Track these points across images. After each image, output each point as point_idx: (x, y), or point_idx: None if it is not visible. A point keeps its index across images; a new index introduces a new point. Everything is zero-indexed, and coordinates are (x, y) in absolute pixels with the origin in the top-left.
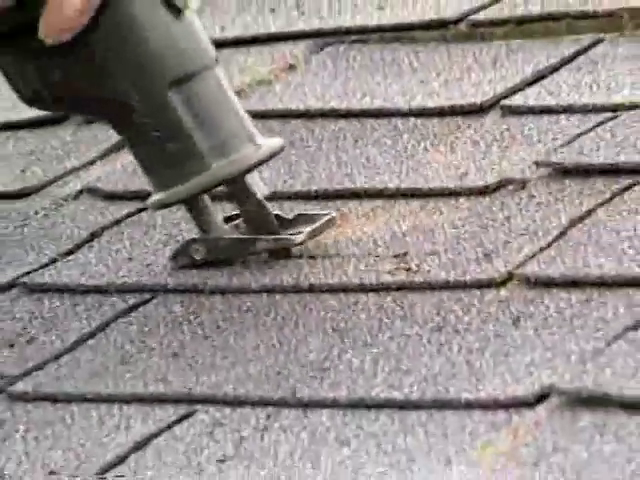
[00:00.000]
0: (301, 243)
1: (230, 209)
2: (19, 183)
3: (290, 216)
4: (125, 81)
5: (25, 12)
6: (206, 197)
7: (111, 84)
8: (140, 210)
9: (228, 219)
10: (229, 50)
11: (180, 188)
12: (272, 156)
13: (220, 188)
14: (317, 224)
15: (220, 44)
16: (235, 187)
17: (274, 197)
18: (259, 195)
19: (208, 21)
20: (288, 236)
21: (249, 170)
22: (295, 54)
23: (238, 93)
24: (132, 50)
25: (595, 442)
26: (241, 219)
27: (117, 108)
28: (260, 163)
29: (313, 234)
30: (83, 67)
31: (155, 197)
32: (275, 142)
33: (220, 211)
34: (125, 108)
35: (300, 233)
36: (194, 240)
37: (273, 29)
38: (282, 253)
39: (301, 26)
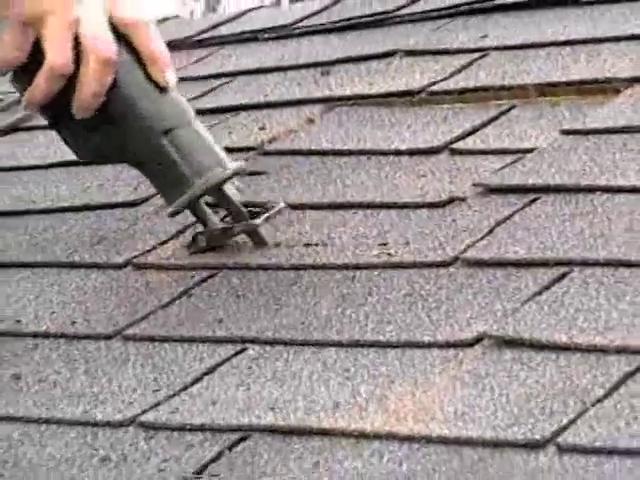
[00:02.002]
0: (260, 225)
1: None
2: (132, 195)
3: (258, 208)
4: (134, 135)
5: (65, 98)
6: (203, 204)
7: (126, 139)
8: None
9: (222, 218)
10: (269, 110)
11: (179, 200)
12: (235, 174)
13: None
14: (271, 212)
15: (264, 106)
16: (217, 196)
17: (301, 207)
18: (234, 199)
19: (255, 90)
20: (253, 222)
21: (219, 184)
22: (314, 112)
23: (275, 138)
24: (134, 116)
25: (514, 370)
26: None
27: (131, 155)
28: (226, 179)
29: (268, 218)
30: (108, 131)
31: (169, 210)
32: (238, 164)
33: (216, 213)
34: (137, 153)
35: (259, 218)
36: (198, 233)
37: (299, 96)
38: (253, 234)
39: (318, 94)
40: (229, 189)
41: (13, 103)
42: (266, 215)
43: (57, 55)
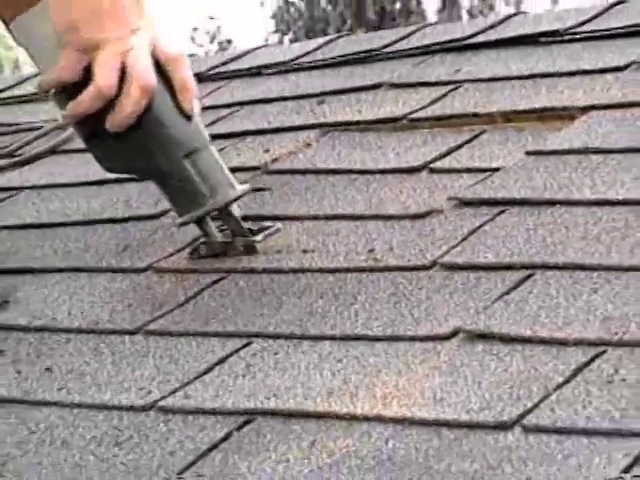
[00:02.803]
0: (258, 242)
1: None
2: (153, 209)
3: (256, 227)
4: (160, 154)
5: (101, 116)
6: (208, 219)
7: (153, 155)
8: None
9: (222, 230)
10: (272, 135)
11: (192, 214)
12: (242, 195)
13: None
14: (268, 231)
15: (267, 131)
16: (223, 213)
17: (299, 218)
18: (237, 216)
19: (260, 118)
20: (252, 238)
21: (229, 204)
22: (310, 137)
23: (277, 159)
24: (162, 137)
25: (485, 361)
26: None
27: (156, 170)
28: (235, 200)
29: (266, 237)
30: (135, 148)
31: (179, 220)
32: (245, 187)
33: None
34: (160, 170)
35: (258, 236)
36: (201, 243)
37: (298, 122)
38: (251, 249)
39: (314, 121)
40: (233, 206)
41: (52, 130)
42: (265, 233)
43: (105, 79)
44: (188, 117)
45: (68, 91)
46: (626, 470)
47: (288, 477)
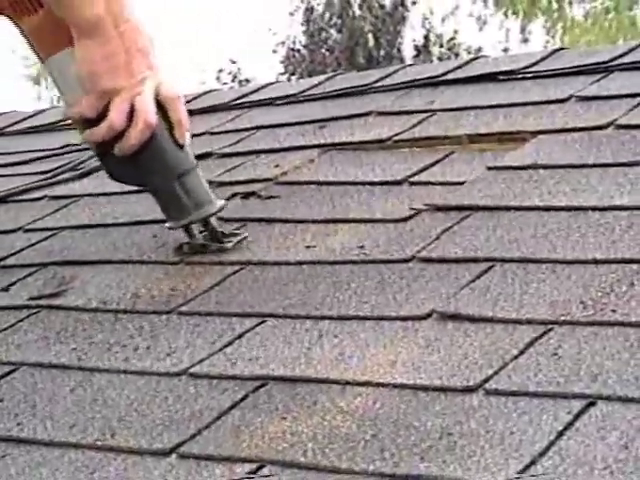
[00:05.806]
0: (230, 247)
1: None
2: None
3: (228, 232)
4: (156, 173)
5: (112, 141)
6: (193, 226)
7: (149, 174)
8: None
9: (200, 232)
10: (282, 153)
11: (180, 222)
12: (219, 210)
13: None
14: (239, 238)
15: (278, 150)
16: (203, 222)
17: (304, 221)
18: (214, 224)
19: (272, 139)
20: (225, 244)
21: (208, 216)
22: (313, 155)
23: (286, 172)
24: (158, 160)
25: (455, 336)
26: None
27: (152, 185)
28: (213, 214)
29: (237, 242)
30: (138, 167)
31: (168, 224)
32: (222, 202)
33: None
34: (156, 185)
35: (230, 242)
36: (185, 243)
37: (303, 143)
38: (223, 250)
39: (316, 142)
40: (213, 218)
41: None
42: (236, 240)
43: (118, 117)
44: (181, 146)
45: (87, 121)
46: (568, 425)
47: (293, 431)
